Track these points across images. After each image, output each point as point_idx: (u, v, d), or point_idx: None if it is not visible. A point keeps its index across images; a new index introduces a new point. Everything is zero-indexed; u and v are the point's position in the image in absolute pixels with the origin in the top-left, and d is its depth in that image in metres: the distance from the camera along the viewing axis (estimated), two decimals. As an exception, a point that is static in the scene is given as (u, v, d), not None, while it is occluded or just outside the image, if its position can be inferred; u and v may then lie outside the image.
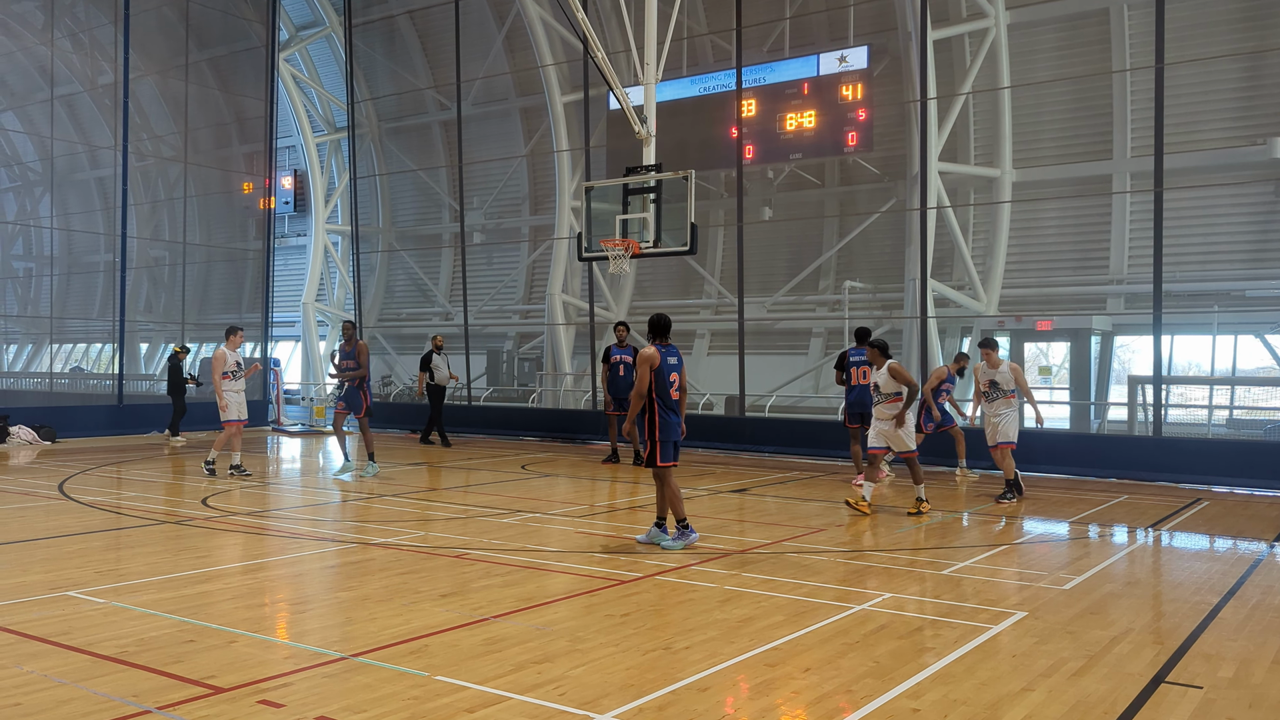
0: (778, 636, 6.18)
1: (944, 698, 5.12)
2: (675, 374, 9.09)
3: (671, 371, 9.06)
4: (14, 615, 6.47)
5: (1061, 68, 19.40)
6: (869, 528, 10.38)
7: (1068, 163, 19.63)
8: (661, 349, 9.06)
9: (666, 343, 9.18)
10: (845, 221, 22.32)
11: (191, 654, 5.67)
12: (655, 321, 9.20)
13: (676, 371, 9.13)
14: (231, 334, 14.02)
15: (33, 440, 18.86)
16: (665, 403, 8.99)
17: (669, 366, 9.06)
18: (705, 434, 19.06)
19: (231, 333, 14.02)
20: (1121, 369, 20.03)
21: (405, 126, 29.25)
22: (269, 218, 25.81)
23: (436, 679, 5.29)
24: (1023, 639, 6.19)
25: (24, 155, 33.04)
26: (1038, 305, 19.79)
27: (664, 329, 9.17)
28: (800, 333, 22.97)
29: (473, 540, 9.38)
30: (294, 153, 31.96)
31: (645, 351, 8.97)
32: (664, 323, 9.20)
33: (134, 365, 31.10)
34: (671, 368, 9.09)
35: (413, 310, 30.17)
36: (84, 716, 4.70)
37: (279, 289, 29.87)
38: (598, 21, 22.37)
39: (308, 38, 29.85)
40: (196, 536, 9.47)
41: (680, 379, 9.17)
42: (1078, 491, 13.49)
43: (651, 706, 4.93)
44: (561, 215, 24.76)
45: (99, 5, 26.85)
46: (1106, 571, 8.32)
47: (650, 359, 8.91)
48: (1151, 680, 5.46)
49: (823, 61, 20.51)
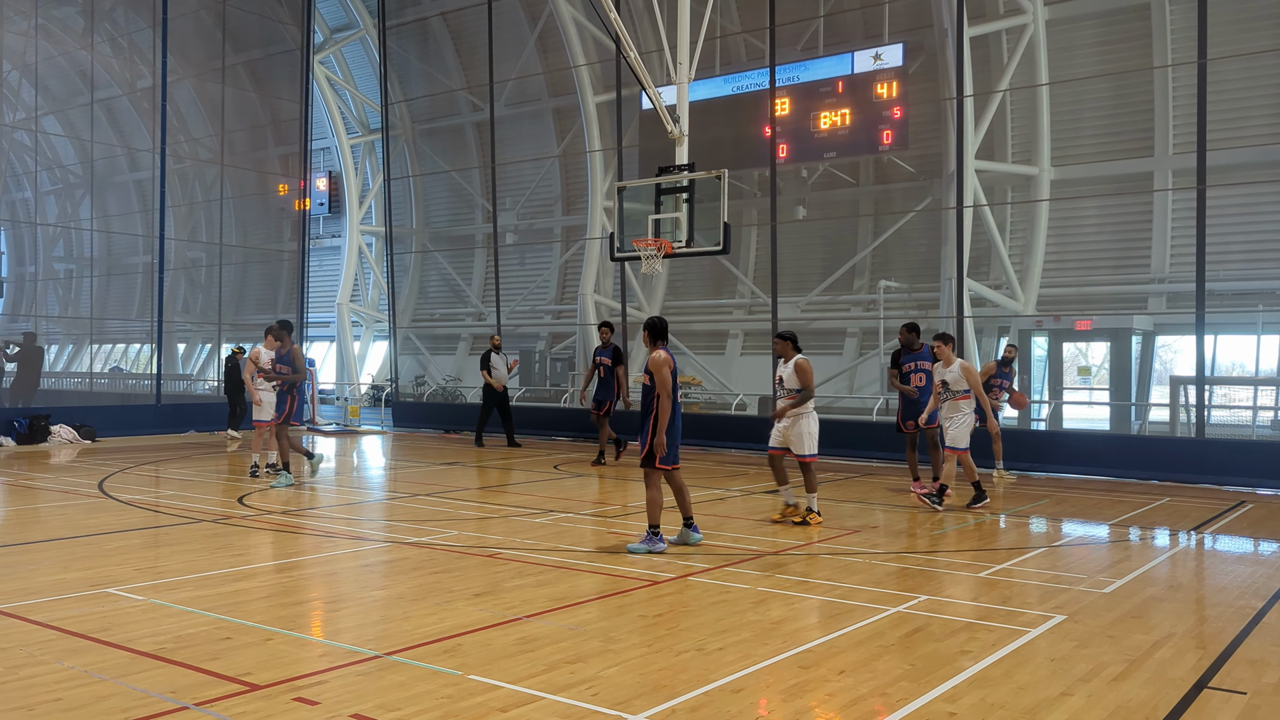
0: (812, 638, 6.13)
1: (981, 701, 5.04)
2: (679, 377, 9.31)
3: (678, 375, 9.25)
4: (55, 611, 6.54)
5: (1101, 63, 19.14)
6: (905, 529, 10.28)
7: (1108, 160, 19.37)
8: (670, 352, 9.18)
9: None
10: (880, 220, 22.16)
11: (228, 651, 5.70)
12: (658, 325, 9.24)
13: None
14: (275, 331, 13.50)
15: (73, 439, 19.14)
16: (675, 405, 9.10)
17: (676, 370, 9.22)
18: (738, 435, 19.00)
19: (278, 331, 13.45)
20: (1163, 369, 19.72)
21: (438, 128, 29.40)
22: (304, 219, 26.03)
23: (469, 678, 5.29)
24: (1062, 643, 6.10)
25: (64, 158, 33.53)
26: (1077, 304, 19.54)
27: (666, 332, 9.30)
28: (835, 333, 22.83)
29: (505, 540, 9.38)
30: (329, 154, 32.25)
31: (660, 355, 8.97)
32: (665, 325, 9.33)
33: (171, 365, 31.48)
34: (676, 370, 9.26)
35: (446, 311, 30.32)
36: (123, 712, 4.73)
37: (314, 290, 30.14)
38: (630, 21, 22.37)
39: (342, 40, 30.10)
40: (233, 535, 9.55)
41: None
42: (1118, 494, 13.30)
43: (684, 708, 4.89)
44: (594, 215, 24.78)
45: (138, 10, 27.20)
46: (1148, 575, 8.18)
47: (668, 361, 8.95)
48: (1194, 686, 5.35)
49: (857, 59, 20.38)
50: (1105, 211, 19.70)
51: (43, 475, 14.39)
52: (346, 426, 23.18)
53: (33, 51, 26.19)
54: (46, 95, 29.89)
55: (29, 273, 36.07)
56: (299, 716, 4.72)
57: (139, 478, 13.92)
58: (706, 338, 24.66)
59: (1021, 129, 20.20)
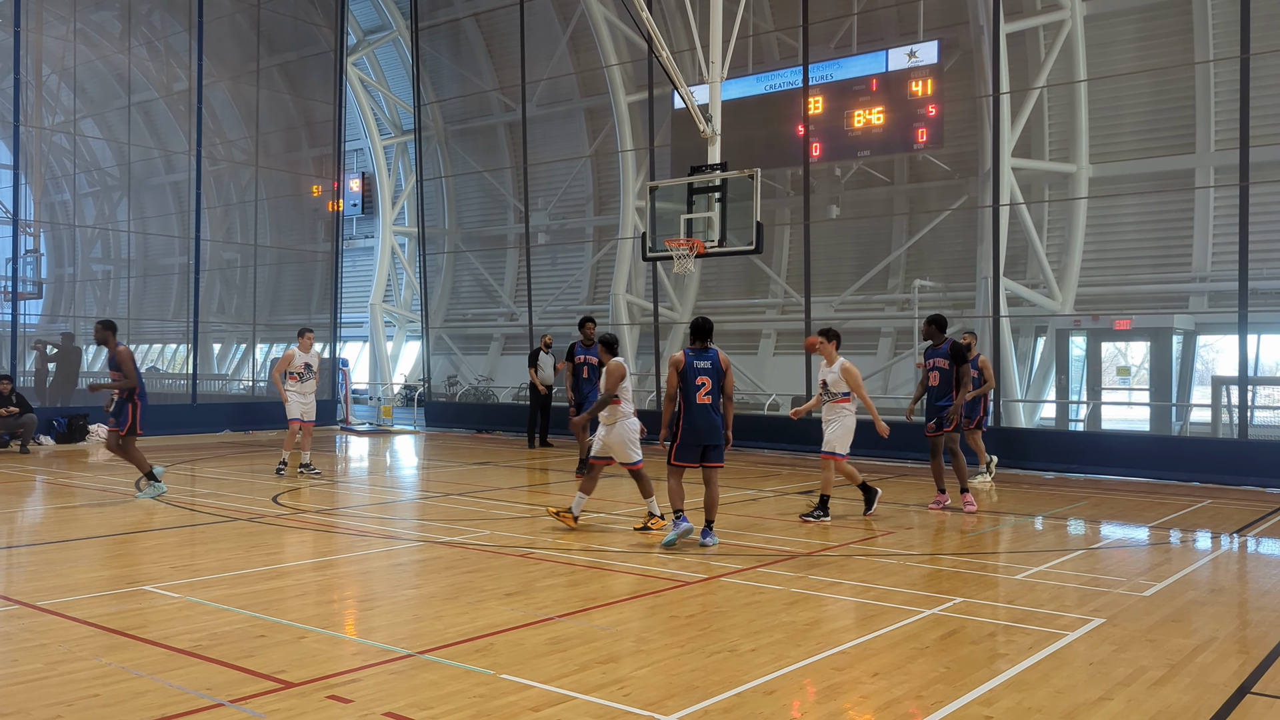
0: (845, 640, 6.07)
1: (1018, 705, 4.97)
2: (704, 377, 9.07)
3: (699, 375, 9.08)
4: (92, 608, 6.61)
5: (1141, 59, 18.85)
6: (940, 531, 10.17)
7: (1148, 157, 19.06)
8: (689, 352, 9.13)
9: (705, 346, 9.20)
10: (915, 219, 21.97)
11: (263, 649, 5.73)
12: (696, 325, 9.31)
13: (707, 375, 9.10)
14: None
15: (112, 438, 19.36)
16: (690, 404, 9.07)
17: (695, 370, 9.10)
18: (771, 435, 18.92)
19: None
20: (1204, 369, 19.40)
21: (470, 128, 29.51)
22: (337, 220, 26.22)
23: (501, 677, 5.28)
24: (1100, 646, 6.00)
25: (102, 161, 33.98)
26: (1116, 304, 19.26)
27: (703, 333, 9.24)
28: (869, 332, 22.67)
29: (538, 539, 9.39)
30: (362, 156, 32.46)
31: (674, 356, 9.15)
32: (704, 326, 9.28)
33: (207, 365, 31.80)
34: (700, 371, 9.10)
35: (478, 311, 30.42)
36: (159, 708, 4.77)
37: (347, 290, 30.35)
38: (662, 20, 22.32)
39: (375, 42, 30.29)
40: (267, 534, 9.62)
41: (711, 382, 9.11)
42: (1158, 495, 13.10)
43: (717, 709, 4.86)
44: (626, 215, 24.77)
45: (174, 13, 27.51)
46: (1189, 578, 8.04)
47: (676, 363, 9.11)
48: (1236, 691, 5.24)
49: (891, 57, 20.21)
50: (1145, 209, 19.40)
51: (80, 474, 14.58)
52: (379, 426, 23.32)
53: (71, 56, 26.55)
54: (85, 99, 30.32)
55: (68, 274, 36.60)
56: (332, 714, 4.73)
57: (174, 476, 14.06)
58: (739, 337, 24.56)
59: (1059, 126, 19.96)
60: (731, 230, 12.95)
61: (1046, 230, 20.16)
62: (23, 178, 21.98)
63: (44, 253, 31.14)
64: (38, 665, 5.42)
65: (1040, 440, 16.64)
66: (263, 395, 20.41)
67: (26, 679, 5.19)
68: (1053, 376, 19.68)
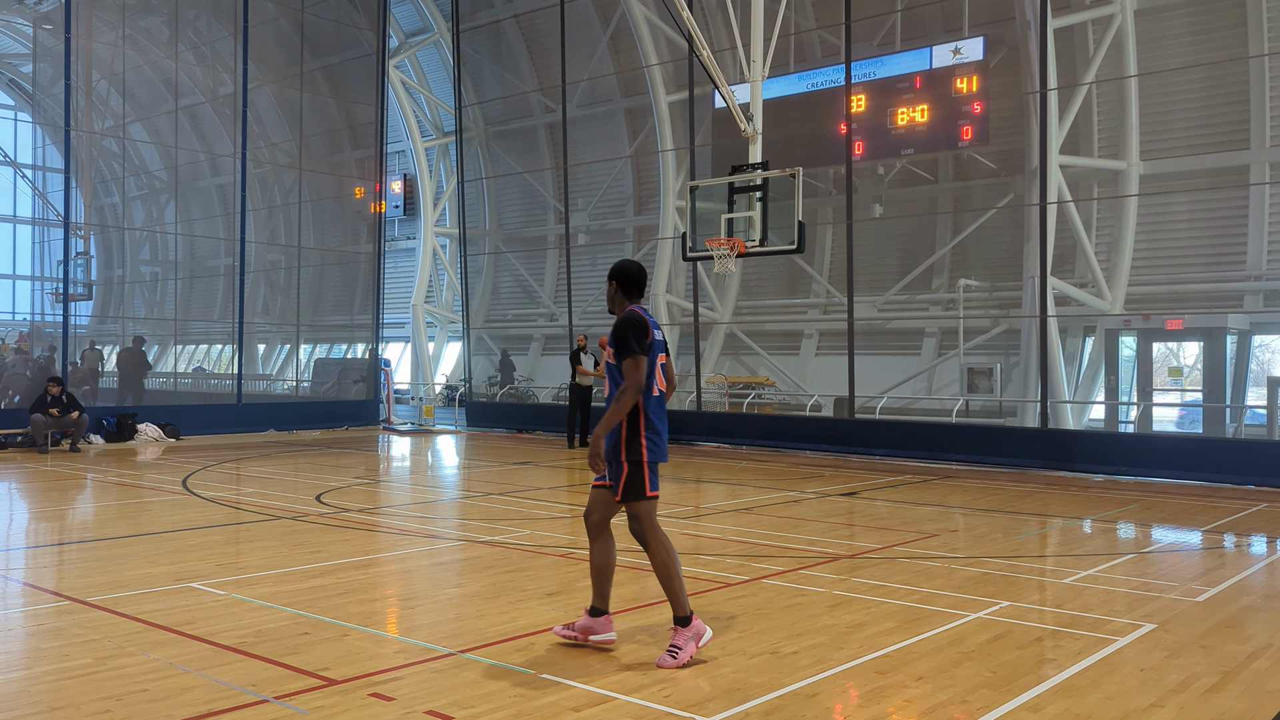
0: (889, 643, 5.99)
1: (1066, 711, 4.87)
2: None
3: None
4: (141, 605, 6.70)
5: (1193, 54, 18.48)
6: (988, 534, 10.03)
7: (1200, 153, 18.69)
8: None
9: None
10: (960, 218, 21.72)
11: (306, 646, 5.77)
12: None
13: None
14: None
15: (158, 438, 19.70)
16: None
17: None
18: (813, 436, 18.79)
19: None
20: (1260, 369, 18.97)
21: (511, 130, 29.63)
22: (380, 221, 26.43)
23: (542, 677, 5.27)
24: (1151, 652, 5.87)
25: (150, 164, 34.57)
26: (1167, 303, 18.89)
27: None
28: (913, 333, 22.45)
29: (578, 539, 9.37)
30: (404, 157, 32.71)
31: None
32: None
33: (252, 366, 32.23)
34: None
35: (519, 311, 30.54)
36: (206, 704, 4.81)
37: (389, 291, 30.57)
38: (703, 19, 22.27)
39: (417, 44, 30.51)
40: (311, 532, 9.70)
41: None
42: (1212, 499, 12.83)
43: (758, 711, 4.81)
44: (666, 215, 24.74)
45: (220, 18, 27.92)
46: (1243, 583, 7.85)
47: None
48: (1297, 700, 5.10)
49: (936, 54, 20.01)
50: (1198, 206, 19.01)
51: (129, 472, 14.82)
52: (421, 426, 23.48)
53: (120, 61, 27.05)
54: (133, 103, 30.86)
55: (117, 276, 37.30)
56: (375, 712, 4.74)
57: (221, 475, 14.24)
58: (781, 338, 24.44)
59: (1108, 122, 19.62)
60: (773, 229, 12.89)
61: (1095, 228, 19.84)
62: (73, 181, 22.41)
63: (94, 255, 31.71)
64: (88, 660, 5.49)
65: (1089, 442, 16.36)
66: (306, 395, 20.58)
67: (77, 674, 5.27)
68: (1101, 377, 19.36)
